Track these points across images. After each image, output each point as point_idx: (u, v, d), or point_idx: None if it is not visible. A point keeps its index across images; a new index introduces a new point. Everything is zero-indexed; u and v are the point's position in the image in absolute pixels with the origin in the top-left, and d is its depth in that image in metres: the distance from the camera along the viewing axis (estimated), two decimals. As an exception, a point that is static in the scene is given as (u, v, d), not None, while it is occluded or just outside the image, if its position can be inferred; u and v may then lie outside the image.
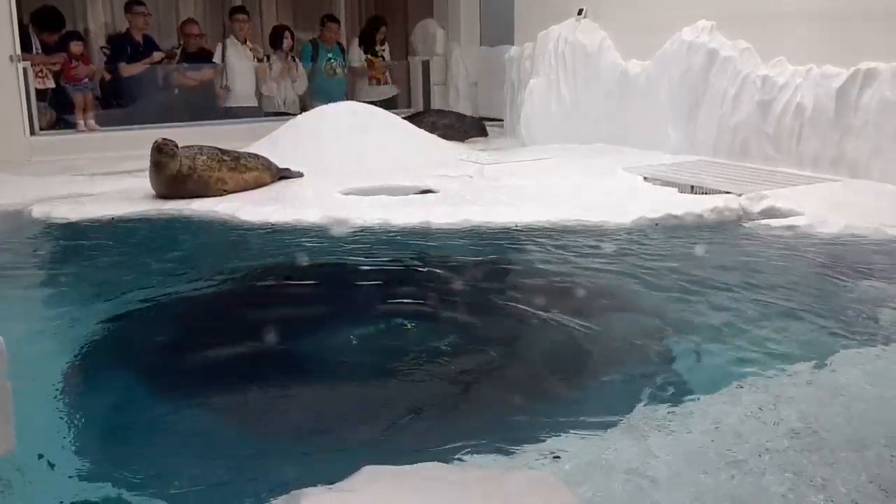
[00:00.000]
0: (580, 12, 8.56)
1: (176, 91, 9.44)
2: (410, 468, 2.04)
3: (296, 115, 8.50)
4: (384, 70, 10.65)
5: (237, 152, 6.30)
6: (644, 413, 2.55)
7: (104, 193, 6.06)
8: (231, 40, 9.49)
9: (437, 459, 2.21)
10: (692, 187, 5.94)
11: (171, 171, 5.77)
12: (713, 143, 7.12)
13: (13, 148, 7.72)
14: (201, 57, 9.52)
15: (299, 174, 6.63)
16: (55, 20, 8.64)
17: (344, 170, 6.70)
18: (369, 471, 1.98)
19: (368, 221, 5.07)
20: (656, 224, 4.99)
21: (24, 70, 7.94)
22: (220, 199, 5.80)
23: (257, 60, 9.74)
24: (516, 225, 4.99)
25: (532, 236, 4.84)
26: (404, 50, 11.39)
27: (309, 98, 9.98)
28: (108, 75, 8.99)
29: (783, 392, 2.67)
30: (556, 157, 7.50)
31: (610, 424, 2.48)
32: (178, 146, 5.83)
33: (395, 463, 2.11)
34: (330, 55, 10.18)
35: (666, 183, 6.05)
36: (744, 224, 5.01)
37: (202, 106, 9.38)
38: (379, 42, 10.54)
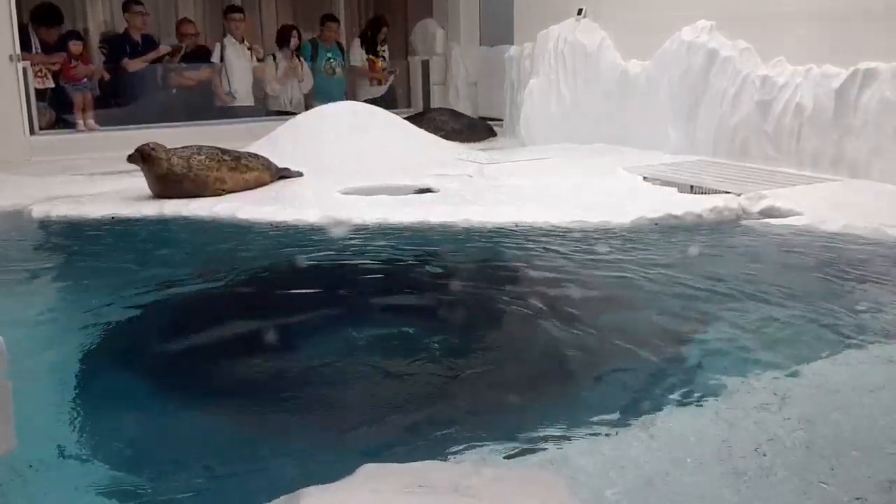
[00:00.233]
0: (580, 12, 8.57)
1: (175, 91, 9.44)
2: (410, 467, 2.04)
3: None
4: (385, 70, 10.65)
5: (238, 152, 6.30)
6: (644, 413, 2.56)
7: (104, 193, 6.06)
8: (229, 39, 9.49)
9: (437, 459, 2.21)
10: (692, 187, 5.95)
11: (160, 171, 5.80)
12: (713, 142, 7.12)
13: (13, 148, 7.72)
14: (199, 56, 9.52)
15: (299, 174, 6.64)
16: (53, 15, 8.63)
17: (344, 169, 6.70)
18: (369, 470, 1.98)
19: (368, 221, 5.07)
20: (656, 224, 4.99)
21: (24, 70, 7.95)
22: (220, 198, 5.80)
23: (257, 60, 9.75)
24: (516, 225, 4.99)
25: (532, 236, 4.84)
26: (404, 50, 11.39)
27: (310, 97, 9.99)
28: (107, 75, 9.00)
29: (783, 392, 2.67)
30: (556, 157, 7.51)
31: (610, 424, 2.49)
32: (161, 147, 5.84)
33: (394, 462, 2.11)
34: (329, 55, 10.19)
35: (666, 183, 6.06)
36: (743, 224, 5.02)
37: (202, 106, 9.38)
38: (380, 42, 10.54)
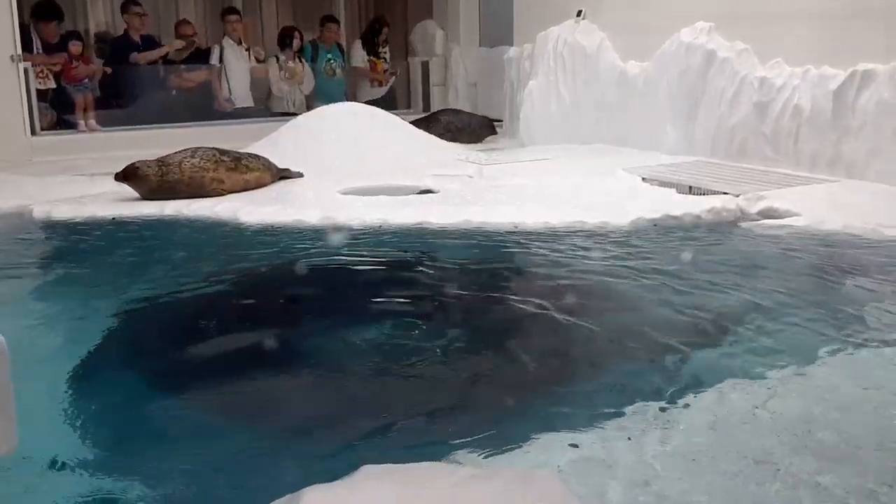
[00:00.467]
0: (579, 13, 8.59)
1: (174, 92, 9.45)
2: (410, 467, 2.05)
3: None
4: (386, 72, 10.65)
5: (237, 153, 6.31)
6: (642, 413, 2.57)
7: (104, 194, 6.06)
8: (227, 41, 9.50)
9: (437, 459, 2.23)
10: (690, 188, 5.96)
11: (152, 186, 5.81)
12: (711, 143, 7.14)
13: (14, 148, 7.73)
14: (198, 57, 9.53)
15: (299, 174, 6.65)
16: (53, 11, 8.63)
17: (344, 170, 6.71)
18: (368, 470, 2.00)
19: (368, 222, 5.08)
20: (655, 225, 5.01)
21: (25, 70, 7.96)
22: (221, 199, 5.81)
23: (256, 61, 9.75)
24: (516, 225, 5.00)
25: (532, 236, 4.85)
26: (404, 51, 11.40)
27: (310, 99, 10.00)
28: (107, 69, 8.97)
29: (780, 392, 2.69)
30: (556, 158, 7.52)
31: (608, 424, 2.50)
32: (144, 163, 5.81)
33: (394, 462, 2.13)
34: (329, 56, 10.19)
35: (664, 183, 6.07)
36: (741, 225, 5.03)
37: (202, 106, 9.39)
38: (381, 44, 10.54)
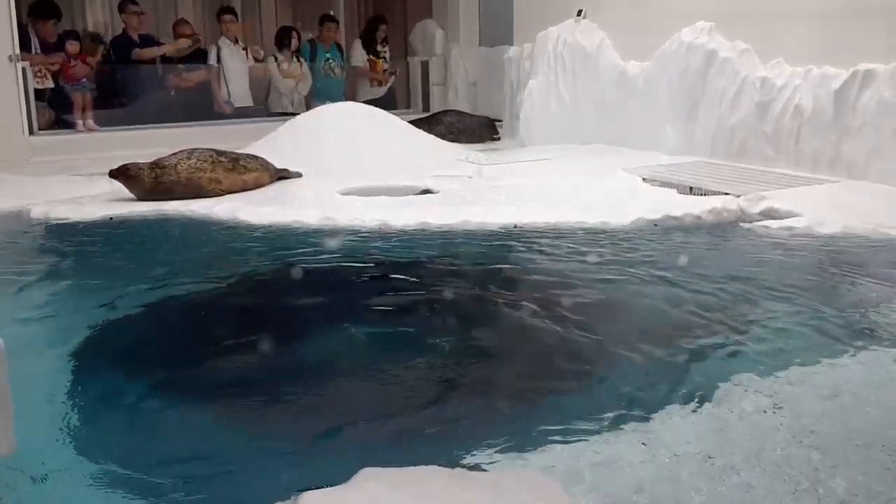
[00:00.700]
0: (579, 13, 8.58)
1: (173, 92, 9.44)
2: (409, 470, 2.05)
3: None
4: (386, 72, 10.63)
5: (235, 153, 6.30)
6: (642, 414, 2.56)
7: (103, 194, 6.05)
8: (224, 41, 9.48)
9: (436, 461, 2.22)
10: (691, 188, 5.95)
11: (146, 187, 5.80)
12: (712, 143, 7.13)
13: (12, 148, 7.71)
14: (197, 57, 9.52)
15: (298, 174, 6.64)
16: (51, 10, 8.61)
17: (343, 170, 6.70)
18: (368, 472, 1.99)
19: (368, 222, 5.07)
20: (655, 225, 5.00)
21: (24, 70, 7.95)
22: (219, 199, 5.80)
23: (255, 60, 9.73)
24: (516, 226, 4.99)
25: (532, 237, 4.84)
26: (403, 50, 11.39)
27: (309, 98, 9.99)
28: (99, 58, 8.95)
29: (781, 393, 2.68)
30: (556, 158, 7.52)
31: (608, 426, 2.49)
32: (135, 165, 5.79)
33: (393, 465, 2.12)
34: (328, 55, 10.17)
35: (665, 184, 6.07)
36: (742, 225, 5.02)
37: (200, 106, 9.38)
38: (380, 42, 10.52)
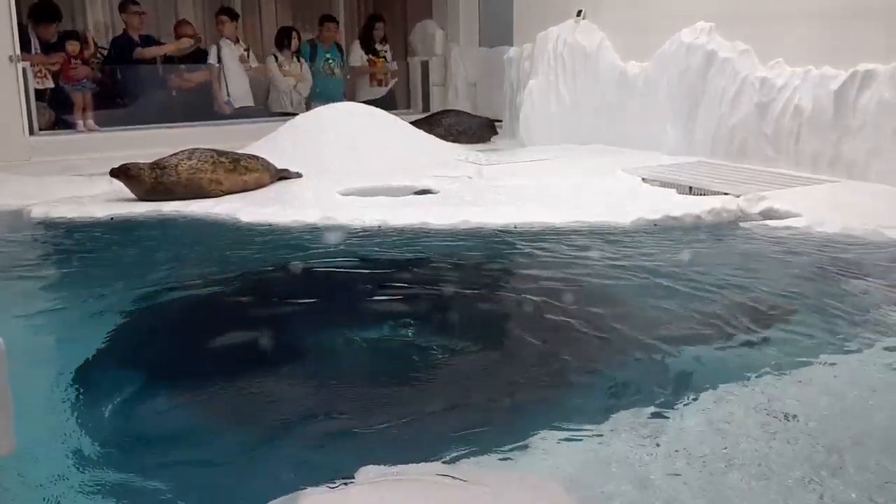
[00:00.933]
0: (579, 13, 8.58)
1: (174, 92, 9.45)
2: (408, 469, 2.05)
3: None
4: (385, 72, 10.62)
5: (236, 154, 6.31)
6: (641, 414, 2.56)
7: (103, 194, 6.05)
8: (224, 41, 9.48)
9: (435, 461, 2.22)
10: (690, 188, 5.96)
11: (146, 187, 5.80)
12: (711, 144, 7.13)
13: (12, 148, 7.73)
14: (197, 57, 9.52)
15: (298, 175, 6.64)
16: (51, 12, 8.61)
17: (343, 170, 6.71)
18: (367, 471, 1.99)
19: (368, 222, 5.07)
20: (655, 225, 5.00)
21: (24, 70, 7.95)
22: (220, 199, 5.81)
23: (255, 60, 9.73)
24: (516, 226, 4.99)
25: (531, 237, 4.84)
26: (403, 50, 11.39)
27: (309, 98, 9.99)
28: (98, 55, 8.95)
29: (780, 393, 2.68)
30: (556, 158, 7.52)
31: (607, 426, 2.49)
32: (135, 165, 5.79)
33: (393, 464, 2.12)
34: (328, 55, 10.17)
35: (664, 184, 6.07)
36: (742, 225, 5.02)
37: (200, 106, 9.38)
38: (379, 40, 10.51)
